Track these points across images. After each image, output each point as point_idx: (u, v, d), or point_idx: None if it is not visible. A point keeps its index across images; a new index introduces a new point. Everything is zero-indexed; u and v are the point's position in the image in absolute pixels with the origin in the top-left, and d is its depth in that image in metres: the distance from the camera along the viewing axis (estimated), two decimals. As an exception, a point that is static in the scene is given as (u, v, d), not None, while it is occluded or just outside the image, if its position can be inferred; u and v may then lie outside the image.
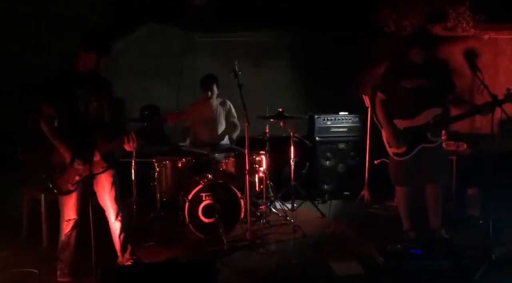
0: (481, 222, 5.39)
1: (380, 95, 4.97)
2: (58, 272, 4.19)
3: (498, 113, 4.33)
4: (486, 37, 7.08)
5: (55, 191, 4.03)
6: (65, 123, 4.01)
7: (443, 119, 4.81)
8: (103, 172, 4.09)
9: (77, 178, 4.00)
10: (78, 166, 3.94)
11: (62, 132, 3.97)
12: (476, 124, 6.94)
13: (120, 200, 4.26)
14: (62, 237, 4.16)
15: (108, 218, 4.23)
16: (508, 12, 6.69)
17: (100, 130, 4.06)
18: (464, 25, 6.68)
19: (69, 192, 4.03)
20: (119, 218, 4.21)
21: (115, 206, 4.20)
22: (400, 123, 4.85)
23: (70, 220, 4.12)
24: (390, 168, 5.05)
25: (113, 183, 4.19)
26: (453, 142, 6.26)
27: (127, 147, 4.00)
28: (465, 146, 6.25)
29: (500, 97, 4.29)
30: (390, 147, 4.92)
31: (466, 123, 6.97)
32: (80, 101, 4.02)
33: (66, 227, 4.13)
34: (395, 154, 4.88)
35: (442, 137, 5.95)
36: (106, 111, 4.17)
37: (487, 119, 4.40)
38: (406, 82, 4.76)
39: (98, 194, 4.19)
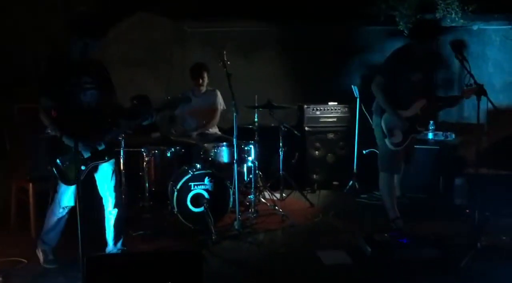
0: (467, 211, 5.44)
1: (379, 78, 4.86)
2: (42, 257, 4.20)
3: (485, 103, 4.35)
4: (474, 27, 7.10)
5: (62, 181, 3.99)
6: (66, 113, 3.93)
7: (430, 110, 4.86)
8: (107, 160, 4.09)
9: (82, 167, 3.98)
10: (83, 155, 3.94)
11: (64, 123, 3.90)
12: (464, 114, 6.99)
13: (119, 190, 4.27)
14: (53, 219, 4.16)
15: (105, 206, 4.23)
16: (497, 3, 6.70)
17: (102, 118, 4.04)
18: (453, 15, 6.68)
19: (75, 182, 3.97)
20: (117, 207, 4.21)
21: (114, 195, 4.20)
22: None
23: (66, 207, 4.13)
24: (384, 157, 5.03)
25: (114, 172, 4.19)
26: (441, 132, 6.30)
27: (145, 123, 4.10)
28: (453, 135, 6.29)
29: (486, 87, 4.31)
30: (391, 135, 4.91)
31: (454, 113, 7.03)
32: (78, 89, 3.96)
33: (60, 213, 4.14)
34: (394, 144, 4.90)
35: (430, 128, 6.05)
36: (106, 98, 4.12)
37: (474, 109, 4.41)
38: (412, 75, 4.81)
39: (98, 182, 4.19)
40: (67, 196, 4.09)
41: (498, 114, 5.65)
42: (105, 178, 4.18)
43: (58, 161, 3.94)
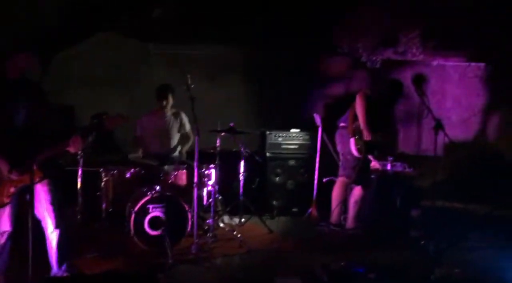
0: (422, 242, 5.51)
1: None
2: None
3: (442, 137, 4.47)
4: (434, 63, 7.33)
5: None
6: None
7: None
8: (38, 181, 3.92)
9: (12, 189, 3.84)
10: (14, 177, 3.80)
11: None
12: (422, 146, 7.14)
13: (59, 210, 4.08)
14: None
15: (45, 229, 4.04)
16: (456, 40, 6.94)
17: (36, 139, 3.89)
18: (414, 50, 6.89)
19: (3, 205, 3.84)
20: (58, 228, 4.04)
21: (52, 215, 4.02)
22: None
23: (4, 232, 3.93)
24: (346, 163, 6.01)
25: (49, 191, 4.01)
26: (399, 163, 6.40)
27: (71, 149, 3.90)
28: (411, 168, 6.39)
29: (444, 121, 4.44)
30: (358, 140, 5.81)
31: (412, 145, 7.19)
32: (12, 110, 3.84)
33: (0, 239, 3.95)
34: (358, 149, 5.82)
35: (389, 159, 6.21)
36: (42, 118, 4.00)
37: (432, 142, 4.52)
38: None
39: (33, 205, 3.97)
40: (3, 221, 3.90)
41: (454, 148, 5.81)
42: (39, 199, 3.97)
43: None
